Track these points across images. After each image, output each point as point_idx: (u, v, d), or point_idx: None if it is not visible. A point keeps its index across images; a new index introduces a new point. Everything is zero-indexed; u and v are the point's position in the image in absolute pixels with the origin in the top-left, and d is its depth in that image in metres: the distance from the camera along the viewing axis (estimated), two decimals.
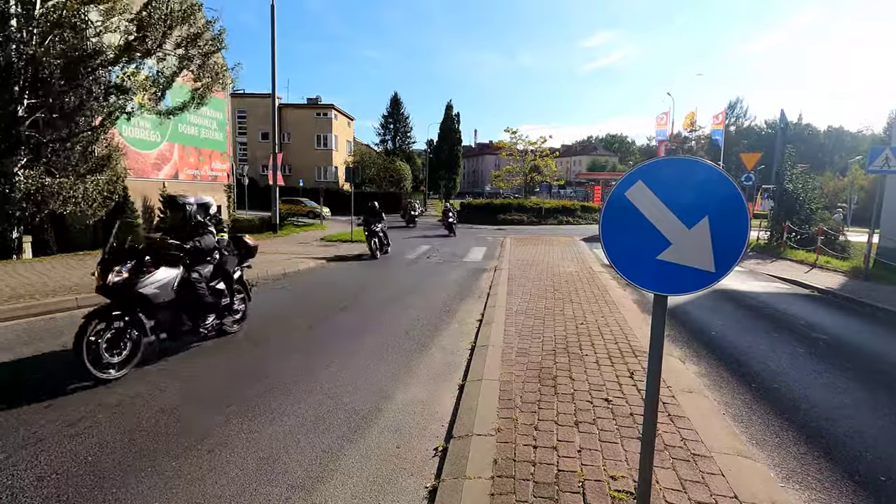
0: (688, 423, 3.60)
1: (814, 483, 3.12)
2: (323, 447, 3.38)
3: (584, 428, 3.49)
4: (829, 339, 6.54)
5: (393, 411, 3.98)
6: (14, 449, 3.23)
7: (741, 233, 2.17)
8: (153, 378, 4.49)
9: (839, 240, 15.21)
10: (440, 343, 5.84)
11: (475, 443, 3.29)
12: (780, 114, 18.78)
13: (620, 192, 2.30)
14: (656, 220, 2.25)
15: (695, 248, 2.21)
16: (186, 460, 3.16)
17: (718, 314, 7.73)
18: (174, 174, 19.60)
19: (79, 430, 3.49)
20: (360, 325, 6.51)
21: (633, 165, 2.56)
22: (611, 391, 4.16)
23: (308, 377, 4.62)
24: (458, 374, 4.81)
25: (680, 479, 2.87)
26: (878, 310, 8.34)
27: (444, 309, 7.56)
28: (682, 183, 2.22)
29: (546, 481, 2.84)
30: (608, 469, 2.97)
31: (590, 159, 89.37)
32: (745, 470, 3.01)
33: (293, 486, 2.93)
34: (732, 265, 2.18)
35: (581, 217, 32.41)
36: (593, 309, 7.19)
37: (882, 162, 10.47)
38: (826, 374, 5.18)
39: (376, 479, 3.04)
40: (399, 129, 57.25)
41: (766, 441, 3.65)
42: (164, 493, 2.83)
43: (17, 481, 2.88)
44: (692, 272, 2.24)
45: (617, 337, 5.79)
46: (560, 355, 5.07)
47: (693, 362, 5.37)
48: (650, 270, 2.30)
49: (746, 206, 2.17)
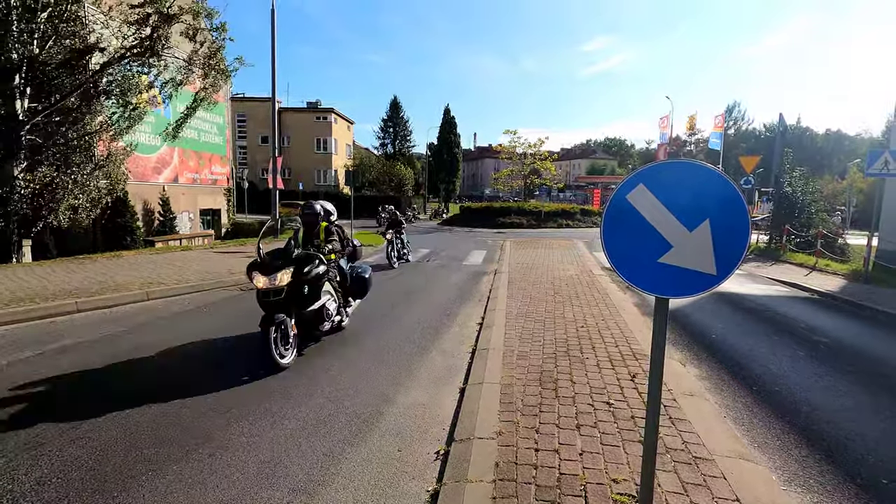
0: (689, 425, 3.60)
1: (816, 486, 3.12)
2: (324, 450, 3.38)
3: (586, 431, 3.49)
4: (829, 342, 6.54)
5: (394, 415, 3.98)
6: (14, 452, 3.22)
7: (742, 235, 2.18)
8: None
9: (838, 243, 15.23)
10: (441, 346, 5.84)
11: (477, 446, 3.28)
12: (779, 117, 18.82)
13: (622, 195, 2.31)
14: (657, 223, 2.26)
15: (696, 250, 2.22)
16: (187, 464, 3.15)
17: (718, 317, 7.73)
18: (174, 178, 19.63)
19: (80, 434, 3.48)
20: (360, 327, 6.50)
21: (633, 169, 2.57)
22: (612, 394, 4.16)
23: (308, 380, 4.62)
24: (458, 378, 4.80)
25: (682, 483, 2.87)
26: (879, 313, 8.34)
27: (444, 312, 7.56)
28: (683, 186, 2.23)
29: (548, 485, 2.83)
30: (610, 472, 2.97)
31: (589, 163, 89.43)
32: (747, 473, 3.01)
33: (294, 489, 2.93)
34: (734, 268, 2.19)
35: (580, 220, 32.41)
36: (593, 312, 7.19)
37: (881, 165, 10.49)
38: (827, 376, 5.18)
39: (378, 482, 3.03)
40: (399, 132, 57.28)
41: (767, 444, 3.65)
42: (164, 497, 2.82)
43: (17, 486, 2.88)
44: (694, 275, 2.24)
45: (617, 340, 5.79)
46: (561, 358, 5.07)
47: (693, 365, 5.37)
48: (652, 273, 2.31)
49: (747, 209, 2.18)
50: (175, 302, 7.91)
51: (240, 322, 6.70)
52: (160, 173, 18.85)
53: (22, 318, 6.42)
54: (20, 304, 6.77)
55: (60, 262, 10.88)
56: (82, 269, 9.80)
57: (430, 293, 9.13)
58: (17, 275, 9.01)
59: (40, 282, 8.37)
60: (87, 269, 9.85)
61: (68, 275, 9.17)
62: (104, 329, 6.21)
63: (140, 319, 6.77)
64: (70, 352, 5.30)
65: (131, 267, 10.42)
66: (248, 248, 14.92)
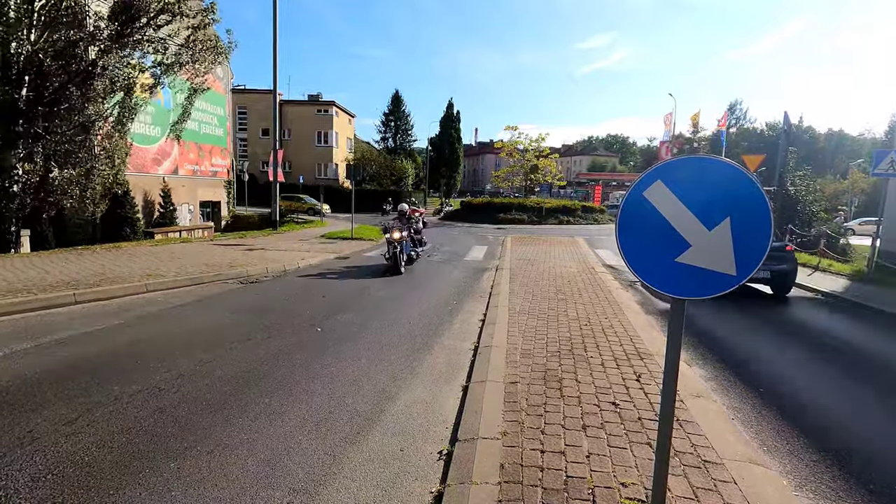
0: (697, 428, 3.53)
1: (827, 492, 3.06)
2: (325, 449, 3.31)
3: (592, 432, 3.42)
4: (835, 343, 6.47)
5: (396, 413, 3.91)
6: (9, 448, 3.15)
7: (764, 235, 2.10)
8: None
9: (840, 243, 15.14)
10: (443, 343, 5.77)
11: (481, 447, 3.21)
12: (784, 116, 18.72)
13: (638, 191, 2.23)
14: (675, 222, 2.18)
15: (715, 250, 2.14)
16: (186, 461, 3.08)
17: (722, 317, 7.66)
18: (174, 169, 19.50)
19: (76, 429, 3.41)
20: (362, 324, 6.43)
21: (635, 166, 2.49)
22: (618, 395, 4.09)
23: (309, 377, 4.55)
24: (461, 375, 4.74)
25: (692, 487, 2.80)
26: (885, 314, 8.27)
27: (446, 308, 7.49)
28: (702, 183, 2.15)
29: (555, 487, 2.77)
30: (618, 475, 2.90)
31: (590, 159, 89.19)
32: (757, 478, 2.94)
33: (295, 489, 2.86)
34: (754, 268, 2.11)
35: (581, 217, 32.31)
36: (596, 310, 7.12)
37: (887, 165, 10.41)
38: (834, 378, 5.12)
39: (380, 482, 2.96)
40: (400, 126, 57.06)
41: (777, 447, 3.59)
42: (162, 495, 2.75)
43: (11, 482, 2.81)
44: (712, 275, 2.17)
45: (622, 339, 5.72)
46: (565, 357, 5.00)
47: (699, 365, 5.30)
48: (668, 273, 2.23)
49: (770, 208, 2.09)
50: (174, 294, 7.83)
51: (239, 316, 6.64)
52: (160, 165, 18.71)
53: (20, 309, 6.34)
54: (18, 295, 6.69)
55: (59, 253, 10.79)
56: (81, 261, 9.72)
57: (432, 289, 9.06)
58: (16, 265, 8.93)
59: (39, 273, 8.29)
60: (86, 261, 9.76)
61: (67, 266, 9.08)
62: (102, 321, 6.13)
63: (139, 312, 6.69)
64: (68, 344, 5.23)
65: (130, 259, 10.33)
66: (247, 240, 14.82)
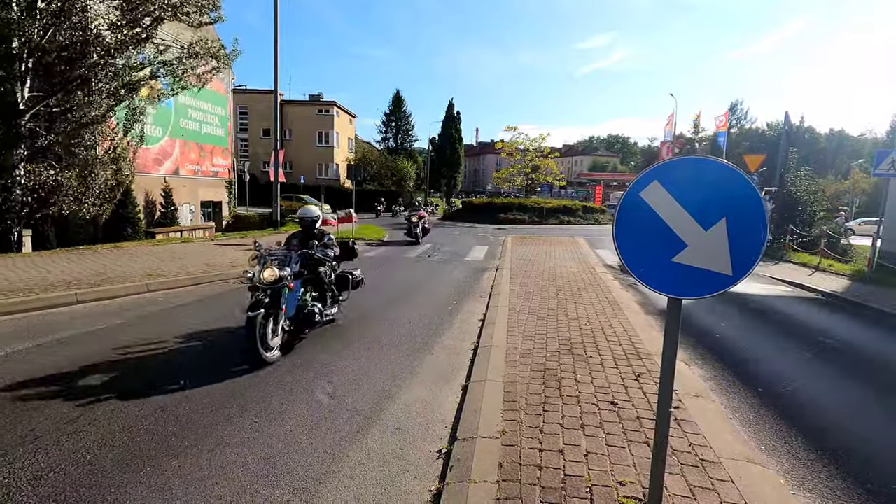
0: (695, 427, 3.54)
1: (825, 491, 3.07)
2: (325, 448, 3.33)
3: (591, 431, 3.44)
4: (835, 343, 6.48)
5: (395, 412, 3.93)
6: (11, 446, 3.17)
7: (759, 236, 2.11)
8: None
9: (841, 243, 15.14)
10: (442, 342, 5.78)
11: (480, 445, 3.23)
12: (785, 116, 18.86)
13: (635, 192, 2.25)
14: (672, 222, 2.20)
15: (712, 250, 2.15)
16: (186, 459, 3.11)
17: (721, 316, 7.67)
18: (175, 169, 19.53)
19: (78, 428, 3.43)
20: (362, 323, 6.45)
21: (635, 166, 2.51)
22: (616, 394, 4.11)
23: (309, 376, 4.57)
24: (461, 375, 4.75)
25: (689, 486, 2.82)
26: (885, 314, 8.28)
27: (446, 308, 7.50)
28: (699, 184, 2.17)
29: (553, 486, 2.78)
30: (616, 474, 2.92)
31: (591, 159, 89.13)
32: (755, 477, 2.95)
33: (294, 487, 2.88)
34: (750, 268, 2.13)
35: (582, 217, 32.30)
36: (596, 310, 7.13)
37: (888, 165, 10.42)
38: (834, 378, 5.13)
39: (379, 480, 2.98)
40: (401, 126, 57.02)
41: (775, 447, 3.60)
42: (163, 493, 2.77)
43: (14, 480, 2.83)
44: (708, 275, 2.18)
45: (621, 339, 5.74)
46: (564, 357, 5.02)
47: (698, 365, 5.31)
48: (665, 273, 2.24)
49: (765, 208, 2.11)
50: (175, 294, 7.85)
51: (240, 315, 6.64)
52: (161, 164, 18.74)
53: (21, 308, 6.37)
54: (20, 294, 6.72)
55: (61, 253, 10.82)
56: (82, 260, 9.75)
57: (432, 288, 9.08)
58: (18, 265, 8.96)
59: (40, 272, 8.32)
60: (88, 261, 9.79)
61: (68, 265, 9.11)
62: (104, 321, 6.16)
63: (140, 311, 6.71)
64: (69, 344, 5.25)
65: (132, 258, 10.36)
66: (248, 240, 14.82)
